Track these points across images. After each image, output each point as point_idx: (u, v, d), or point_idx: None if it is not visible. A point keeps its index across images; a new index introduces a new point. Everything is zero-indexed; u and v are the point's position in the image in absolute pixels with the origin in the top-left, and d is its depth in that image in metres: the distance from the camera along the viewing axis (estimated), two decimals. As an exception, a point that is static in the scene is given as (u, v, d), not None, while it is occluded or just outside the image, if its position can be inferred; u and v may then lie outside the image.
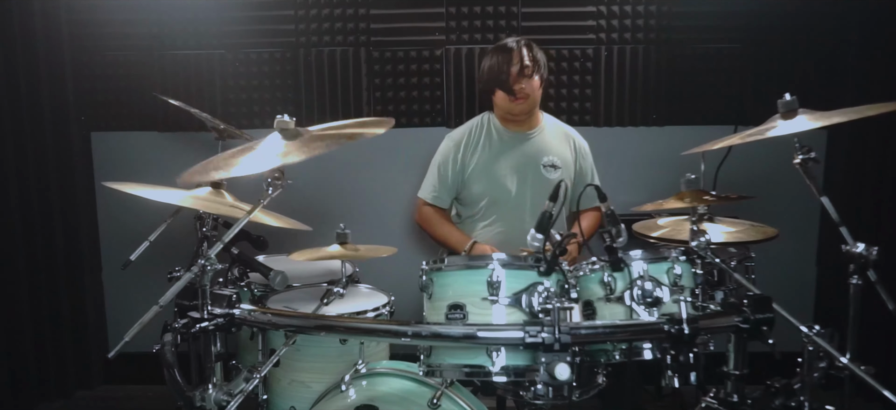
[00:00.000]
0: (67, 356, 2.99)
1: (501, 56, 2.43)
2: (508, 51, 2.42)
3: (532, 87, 2.44)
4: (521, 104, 2.45)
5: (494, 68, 2.43)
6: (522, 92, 2.42)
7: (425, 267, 1.50)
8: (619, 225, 1.45)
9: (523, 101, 2.44)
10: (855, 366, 1.36)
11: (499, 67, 2.42)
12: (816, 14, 2.85)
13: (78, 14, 2.89)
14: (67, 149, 2.93)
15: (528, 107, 2.48)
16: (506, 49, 2.43)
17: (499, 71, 2.42)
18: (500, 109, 2.52)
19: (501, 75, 2.41)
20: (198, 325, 1.33)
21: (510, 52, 2.42)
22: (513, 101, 2.43)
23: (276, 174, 1.48)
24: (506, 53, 2.42)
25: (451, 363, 1.43)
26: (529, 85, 2.43)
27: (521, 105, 2.45)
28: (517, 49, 2.42)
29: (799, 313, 1.47)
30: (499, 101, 2.49)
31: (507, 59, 2.41)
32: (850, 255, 1.50)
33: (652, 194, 2.02)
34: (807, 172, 1.54)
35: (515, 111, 2.48)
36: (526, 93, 2.43)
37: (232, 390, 1.42)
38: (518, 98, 2.43)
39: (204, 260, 1.34)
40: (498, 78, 2.42)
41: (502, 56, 2.42)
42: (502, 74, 2.41)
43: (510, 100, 2.43)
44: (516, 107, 2.46)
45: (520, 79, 2.41)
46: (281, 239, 2.23)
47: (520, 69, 2.40)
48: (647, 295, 1.43)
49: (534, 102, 2.48)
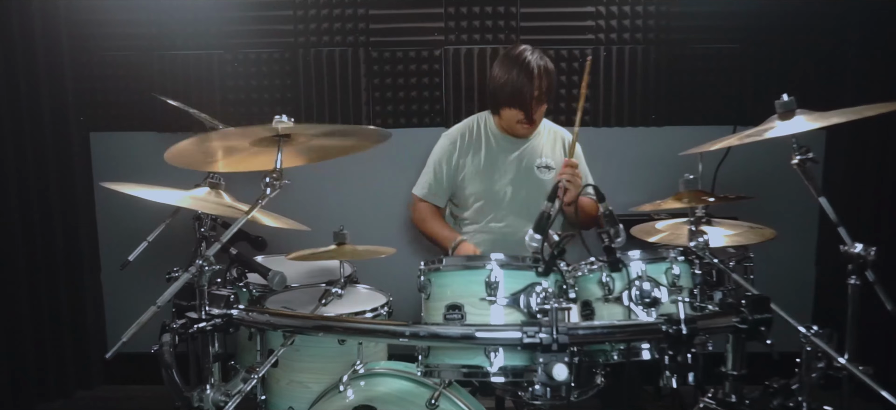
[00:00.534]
0: (67, 356, 2.99)
1: (523, 76, 2.33)
2: (530, 71, 2.32)
3: (542, 113, 2.45)
4: (530, 129, 2.46)
5: (516, 88, 2.34)
6: (537, 119, 2.43)
7: (423, 267, 1.50)
8: (618, 226, 1.44)
9: (533, 126, 2.45)
10: (853, 366, 1.36)
11: (520, 88, 2.34)
12: (816, 14, 2.85)
13: (77, 14, 2.89)
14: (67, 149, 2.93)
15: (534, 130, 2.49)
16: (527, 68, 2.33)
17: (520, 92, 2.34)
18: (504, 121, 2.47)
19: (524, 98, 2.34)
20: (195, 326, 1.33)
21: (531, 74, 2.32)
22: (524, 125, 2.42)
23: (274, 174, 1.48)
24: (527, 74, 2.32)
25: (450, 363, 1.43)
26: (541, 111, 2.43)
27: (529, 130, 2.46)
28: (539, 74, 2.33)
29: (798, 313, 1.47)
30: (507, 117, 2.43)
31: (528, 82, 2.33)
32: (849, 256, 1.50)
33: (651, 195, 2.02)
34: (805, 172, 1.54)
35: (520, 133, 2.48)
36: (538, 118, 2.44)
37: (230, 390, 1.42)
38: (533, 124, 2.43)
39: (202, 261, 1.34)
40: (518, 100, 2.35)
41: (524, 76, 2.33)
42: (525, 98, 2.34)
43: (521, 122, 2.40)
44: (524, 130, 2.46)
45: (538, 107, 2.38)
46: (280, 239, 2.22)
47: (539, 96, 2.36)
48: (646, 296, 1.43)
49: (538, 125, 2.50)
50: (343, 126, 1.65)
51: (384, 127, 2.98)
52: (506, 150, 2.52)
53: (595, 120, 2.97)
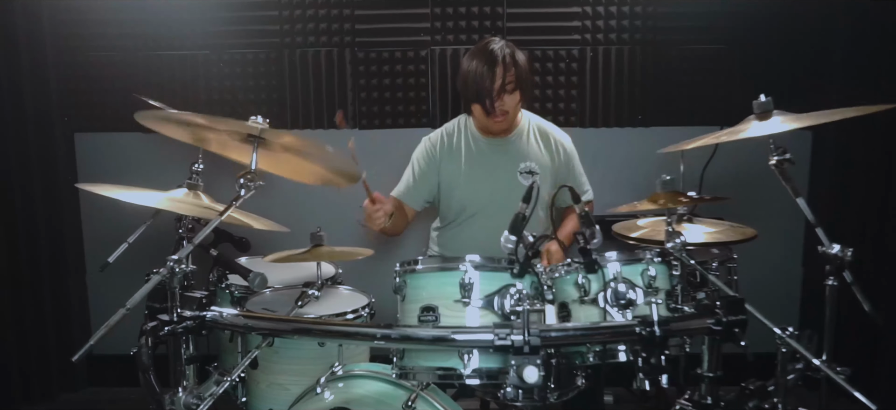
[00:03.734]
0: (51, 358, 2.97)
1: (485, 67, 2.25)
2: (492, 62, 2.24)
3: (512, 104, 2.31)
4: (500, 122, 2.34)
5: (476, 78, 2.26)
6: (502, 110, 2.29)
7: (399, 268, 1.49)
8: (594, 227, 1.44)
9: (502, 119, 2.32)
10: (827, 368, 1.35)
11: (480, 81, 2.25)
12: (803, 15, 2.85)
13: (61, 14, 2.87)
14: (51, 150, 2.91)
15: (507, 124, 2.37)
16: (490, 59, 2.25)
17: (480, 85, 2.26)
18: (477, 120, 2.41)
19: (481, 92, 2.25)
20: (166, 328, 1.32)
21: (494, 64, 2.24)
22: (492, 119, 2.32)
23: (249, 175, 1.47)
24: (488, 62, 2.24)
25: (424, 365, 1.42)
26: (510, 101, 2.30)
27: (499, 123, 2.34)
28: (501, 62, 2.24)
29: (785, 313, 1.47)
30: (477, 114, 2.36)
31: (488, 70, 2.24)
32: (826, 256, 1.50)
33: (638, 195, 2.00)
34: (782, 173, 1.53)
35: (493, 129, 2.38)
36: (505, 110, 2.30)
37: (202, 393, 1.41)
38: (497, 116, 2.31)
39: (172, 262, 1.33)
40: (477, 93, 2.27)
41: (486, 67, 2.24)
42: (483, 91, 2.25)
43: (489, 117, 2.31)
44: (494, 125, 2.35)
45: (501, 97, 2.27)
46: (264, 241, 2.21)
47: (501, 86, 2.25)
48: (621, 297, 1.42)
49: (513, 117, 2.38)
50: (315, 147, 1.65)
51: (370, 127, 2.98)
52: (486, 153, 2.45)
53: (582, 120, 2.96)
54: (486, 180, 2.44)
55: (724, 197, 1.92)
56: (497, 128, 2.38)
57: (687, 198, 1.66)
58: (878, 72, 2.65)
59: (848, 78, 2.79)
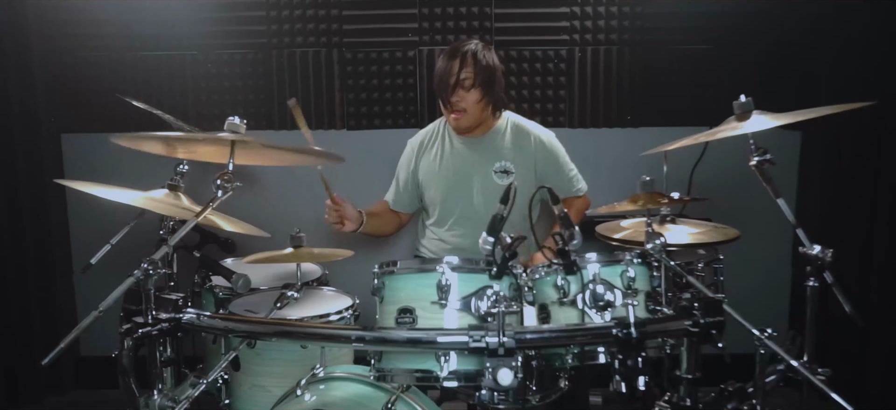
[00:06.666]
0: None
1: (445, 62, 2.32)
2: (452, 57, 2.30)
3: (471, 101, 2.31)
4: (458, 118, 2.35)
5: (437, 75, 2.34)
6: (458, 107, 2.31)
7: (377, 270, 1.48)
8: (573, 228, 1.43)
9: (459, 116, 2.34)
10: (805, 369, 1.34)
11: (439, 75, 2.32)
12: (791, 15, 2.84)
13: (47, 14, 2.85)
14: (37, 150, 2.89)
15: (468, 121, 2.36)
16: (452, 54, 2.32)
17: (439, 79, 2.32)
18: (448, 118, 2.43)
19: (439, 86, 2.32)
20: (140, 330, 1.31)
21: (453, 59, 2.30)
22: (449, 114, 2.35)
23: (226, 176, 1.46)
24: (451, 58, 2.31)
25: (402, 368, 1.41)
26: (468, 98, 2.31)
27: (456, 119, 2.35)
28: (459, 57, 2.29)
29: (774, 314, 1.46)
30: (443, 110, 2.41)
31: (447, 67, 2.30)
32: (806, 257, 1.49)
33: (626, 195, 2.00)
34: (762, 174, 1.53)
35: (452, 125, 2.41)
36: (462, 107, 2.31)
37: (177, 396, 1.40)
38: (453, 112, 2.33)
39: (146, 264, 1.32)
40: (439, 86, 2.33)
41: (446, 62, 2.32)
42: (443, 81, 2.30)
43: (447, 112, 2.36)
44: (451, 121, 2.38)
45: (456, 91, 2.29)
46: (251, 243, 2.20)
47: (456, 81, 2.29)
48: (599, 299, 1.42)
49: (474, 117, 2.36)
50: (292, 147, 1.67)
51: (358, 128, 2.96)
52: (460, 152, 2.46)
53: (570, 121, 2.95)
54: (460, 178, 2.45)
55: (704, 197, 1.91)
56: (454, 124, 2.40)
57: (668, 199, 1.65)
58: (866, 73, 2.65)
59: (835, 78, 2.79)
